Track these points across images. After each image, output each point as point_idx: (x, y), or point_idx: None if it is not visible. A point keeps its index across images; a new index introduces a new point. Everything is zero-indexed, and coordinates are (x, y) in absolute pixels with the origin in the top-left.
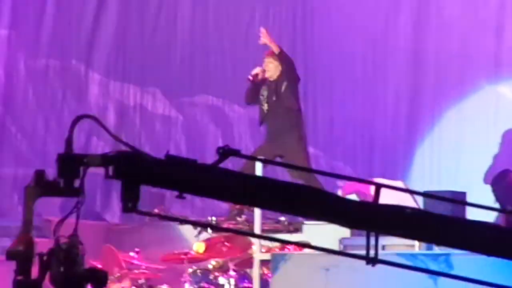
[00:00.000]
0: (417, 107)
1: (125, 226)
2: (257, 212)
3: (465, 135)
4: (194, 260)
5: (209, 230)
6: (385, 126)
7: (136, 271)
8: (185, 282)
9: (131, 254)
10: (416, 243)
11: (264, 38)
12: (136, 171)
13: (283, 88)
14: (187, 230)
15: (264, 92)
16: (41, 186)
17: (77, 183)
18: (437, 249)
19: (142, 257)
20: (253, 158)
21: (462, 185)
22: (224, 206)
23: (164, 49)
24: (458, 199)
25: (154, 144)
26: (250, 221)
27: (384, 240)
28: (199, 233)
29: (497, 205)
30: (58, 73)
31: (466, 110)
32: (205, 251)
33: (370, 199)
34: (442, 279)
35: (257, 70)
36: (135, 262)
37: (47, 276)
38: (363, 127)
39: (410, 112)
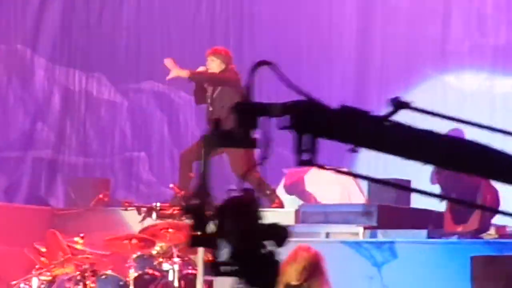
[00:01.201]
0: (363, 95)
1: (69, 211)
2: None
3: (411, 123)
4: (138, 245)
5: (154, 216)
6: None
7: (80, 256)
8: (129, 267)
9: (76, 239)
10: (361, 231)
11: (172, 68)
12: (314, 120)
13: (217, 90)
14: (131, 216)
15: (209, 90)
16: (218, 135)
17: (254, 133)
18: (381, 237)
19: (87, 242)
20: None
21: (407, 173)
22: (169, 192)
23: (109, 34)
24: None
25: (99, 129)
26: None
27: (329, 227)
28: (143, 218)
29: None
30: (3, 58)
31: (413, 98)
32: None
33: (314, 186)
34: (386, 267)
35: (200, 68)
36: (80, 247)
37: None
38: None
39: (356, 101)
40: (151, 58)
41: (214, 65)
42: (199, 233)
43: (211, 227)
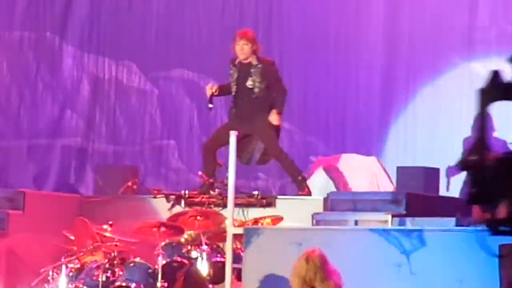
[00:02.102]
0: (391, 83)
1: (98, 199)
2: (230, 185)
3: (439, 111)
4: (167, 233)
5: (182, 204)
6: (358, 102)
7: (109, 243)
8: (158, 255)
9: (104, 226)
10: (389, 218)
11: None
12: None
13: (255, 71)
14: (160, 203)
15: (234, 74)
16: (498, 88)
17: None
18: (409, 225)
19: (115, 230)
20: None
21: (436, 161)
22: (198, 179)
23: (139, 22)
24: (432, 175)
25: (128, 117)
26: (223, 195)
27: (357, 215)
28: (172, 206)
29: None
30: (32, 46)
31: (440, 87)
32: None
33: (343, 174)
34: (414, 255)
35: (209, 91)
36: (108, 235)
37: None
38: (336, 103)
39: (383, 88)
40: (180, 45)
41: (247, 49)
42: (476, 189)
43: (489, 183)
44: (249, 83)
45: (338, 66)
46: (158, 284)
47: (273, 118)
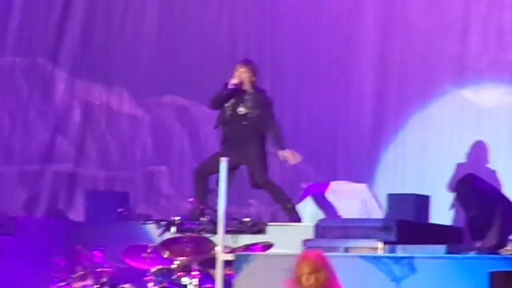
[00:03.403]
0: (382, 110)
1: (89, 225)
2: (221, 212)
3: (429, 139)
4: (157, 259)
5: (173, 230)
6: (349, 129)
7: (99, 269)
8: (148, 281)
9: (95, 252)
10: (380, 245)
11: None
12: None
13: (248, 98)
14: (151, 229)
15: (231, 99)
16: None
17: None
18: (400, 252)
19: (106, 255)
20: None
21: (427, 189)
22: (189, 206)
23: (130, 48)
24: (422, 202)
25: (120, 143)
26: (214, 222)
27: (347, 242)
28: (163, 232)
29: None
30: (24, 71)
31: (430, 114)
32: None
33: (333, 201)
34: (405, 282)
35: (236, 80)
36: (99, 260)
37: None
38: (327, 130)
39: (374, 115)
40: (171, 72)
41: (246, 77)
42: None
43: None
44: (240, 109)
45: (329, 94)
46: None
47: (286, 156)
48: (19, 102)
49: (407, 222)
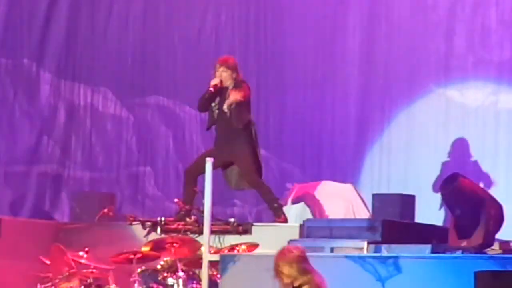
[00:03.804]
0: (367, 110)
1: (74, 225)
2: (207, 212)
3: (414, 138)
4: (143, 260)
5: (158, 231)
6: (334, 129)
7: (85, 270)
8: (134, 282)
9: (80, 253)
10: (365, 245)
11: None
12: None
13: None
14: (136, 230)
15: (216, 99)
16: None
17: None
18: (385, 252)
19: (91, 256)
20: None
21: (412, 188)
22: (174, 206)
23: (115, 49)
24: (407, 202)
25: (105, 144)
26: (199, 222)
27: (333, 242)
28: (148, 233)
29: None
30: (9, 72)
31: (415, 113)
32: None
33: (319, 202)
34: (390, 282)
35: (216, 81)
36: (84, 261)
37: None
38: (312, 130)
39: (359, 115)
40: (156, 72)
41: (226, 75)
42: None
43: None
44: (224, 107)
45: (314, 94)
46: None
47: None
48: (4, 103)
49: (392, 222)
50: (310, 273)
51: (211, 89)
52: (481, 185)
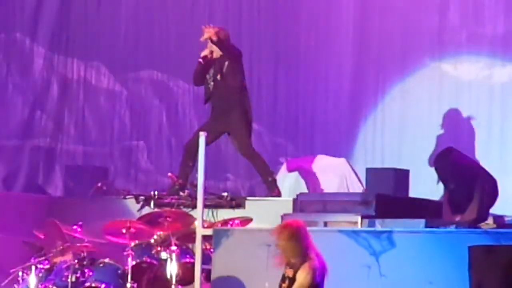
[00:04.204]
0: (360, 84)
1: (68, 200)
2: (200, 187)
3: (408, 112)
4: (136, 234)
5: (152, 205)
6: (327, 104)
7: (78, 244)
8: (127, 256)
9: (74, 227)
10: (359, 220)
11: (207, 32)
12: None
13: (225, 66)
14: (130, 204)
15: (210, 71)
16: None
17: None
18: (379, 227)
19: (85, 230)
20: None
21: (405, 163)
22: (167, 181)
23: (108, 24)
24: (401, 177)
25: (97, 118)
26: (192, 196)
27: (326, 217)
28: (142, 207)
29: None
30: (2, 47)
31: (409, 87)
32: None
33: (312, 176)
34: (383, 256)
35: (206, 52)
36: (78, 235)
37: None
38: (305, 105)
39: (352, 89)
40: (149, 47)
41: (213, 46)
42: None
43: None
44: (218, 77)
45: (307, 67)
46: (128, 285)
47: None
48: None
49: (386, 196)
50: (307, 255)
51: (200, 60)
52: (475, 159)
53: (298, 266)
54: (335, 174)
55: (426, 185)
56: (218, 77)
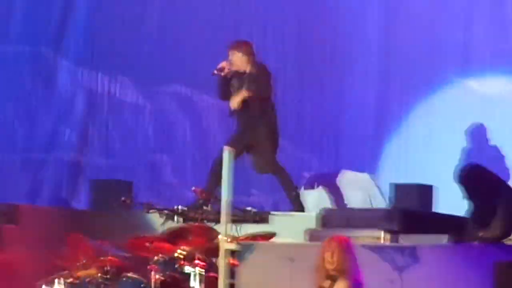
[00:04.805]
0: (386, 99)
1: (92, 213)
2: (224, 201)
3: (433, 128)
4: (160, 248)
5: (176, 219)
6: (353, 119)
7: (102, 258)
8: (151, 270)
9: (98, 241)
10: (382, 235)
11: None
12: None
13: (250, 79)
14: (154, 218)
15: (234, 83)
16: None
17: None
18: (402, 242)
19: (109, 244)
20: None
21: (430, 178)
22: (191, 195)
23: (133, 37)
24: (425, 192)
25: (122, 132)
26: (217, 210)
27: (350, 231)
28: (165, 221)
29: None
30: (28, 60)
31: (434, 104)
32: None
33: (336, 191)
34: (407, 271)
35: (222, 63)
36: (102, 249)
37: None
38: (330, 119)
39: (378, 105)
40: (174, 61)
41: (236, 58)
42: None
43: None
44: (242, 89)
45: (333, 83)
46: None
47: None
48: (22, 91)
49: (410, 211)
50: (346, 272)
51: (215, 71)
52: (499, 175)
53: (337, 279)
54: (359, 189)
55: (451, 201)
56: (243, 89)
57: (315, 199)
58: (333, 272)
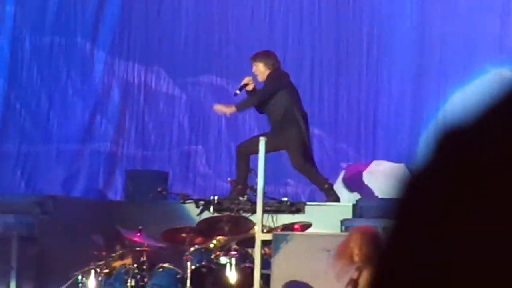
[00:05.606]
0: (422, 90)
1: (128, 204)
2: (260, 191)
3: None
4: (195, 238)
5: (211, 209)
6: (389, 109)
7: (138, 249)
8: (186, 260)
9: (134, 232)
10: None
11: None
12: None
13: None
14: (189, 209)
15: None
16: None
17: None
18: None
19: (145, 235)
20: None
21: None
22: (225, 185)
23: (168, 28)
24: None
25: (157, 122)
26: (252, 201)
27: (386, 222)
28: (201, 212)
29: None
30: (63, 51)
31: (470, 94)
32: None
33: (370, 181)
34: None
35: (245, 80)
36: (137, 240)
37: None
38: (367, 110)
39: (414, 95)
40: (209, 51)
41: (258, 69)
42: None
43: None
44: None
45: (369, 73)
46: None
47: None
48: (58, 82)
49: None
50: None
51: (237, 91)
52: None
53: (364, 269)
54: (394, 179)
55: None
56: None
57: (352, 189)
58: (360, 264)
